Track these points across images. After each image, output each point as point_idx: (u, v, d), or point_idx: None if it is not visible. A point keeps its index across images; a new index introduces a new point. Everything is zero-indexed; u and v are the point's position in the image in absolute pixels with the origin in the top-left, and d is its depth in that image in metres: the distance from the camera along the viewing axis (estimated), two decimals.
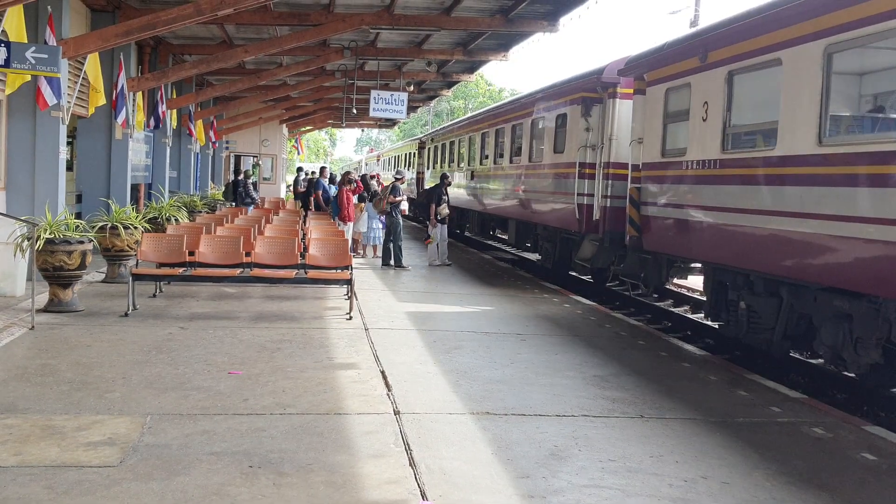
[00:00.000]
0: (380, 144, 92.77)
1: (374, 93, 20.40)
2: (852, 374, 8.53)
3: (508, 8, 15.17)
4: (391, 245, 15.76)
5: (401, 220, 16.13)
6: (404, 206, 16.65)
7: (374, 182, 20.05)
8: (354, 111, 25.68)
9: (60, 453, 4.84)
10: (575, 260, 14.41)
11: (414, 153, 35.09)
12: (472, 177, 21.61)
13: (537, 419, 5.99)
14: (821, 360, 9.94)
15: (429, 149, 31.10)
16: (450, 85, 28.27)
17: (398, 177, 17.06)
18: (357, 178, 18.33)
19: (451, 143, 25.74)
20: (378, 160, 53.92)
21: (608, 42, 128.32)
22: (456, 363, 7.68)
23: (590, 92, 13.35)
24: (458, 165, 24.36)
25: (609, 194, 12.72)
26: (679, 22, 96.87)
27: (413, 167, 35.08)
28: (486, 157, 20.58)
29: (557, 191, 14.49)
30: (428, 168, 30.67)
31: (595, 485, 4.77)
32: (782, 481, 4.95)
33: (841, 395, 8.70)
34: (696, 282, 13.70)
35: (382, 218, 17.63)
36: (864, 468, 5.29)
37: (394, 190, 16.23)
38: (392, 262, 15.62)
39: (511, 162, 17.76)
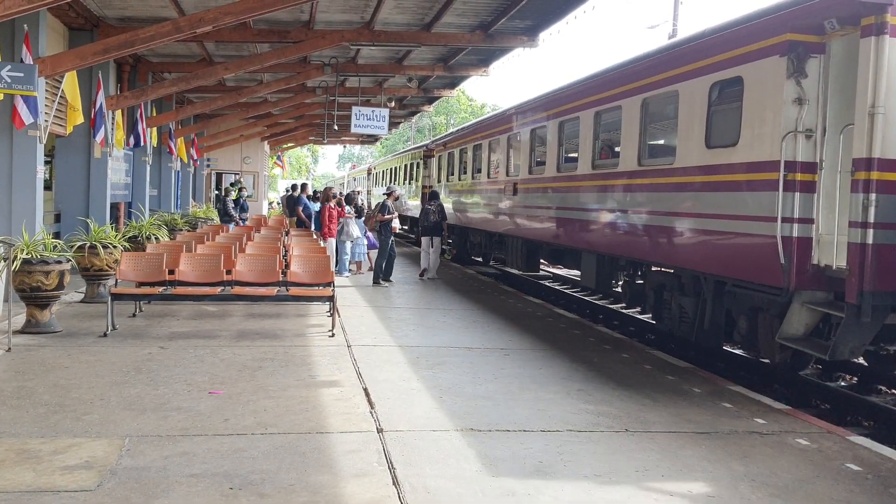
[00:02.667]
0: (362, 160, 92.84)
1: (355, 109, 20.38)
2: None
3: (488, 24, 15.24)
4: (384, 262, 15.68)
5: (390, 239, 15.98)
6: (395, 223, 16.43)
7: (359, 198, 20.00)
8: (336, 127, 25.62)
9: (36, 478, 4.74)
10: (777, 339, 7.99)
11: (417, 164, 28.83)
12: (515, 191, 15.66)
13: (522, 434, 5.94)
14: (806, 371, 9.98)
15: (439, 157, 24.79)
16: (431, 100, 28.36)
17: (388, 193, 16.93)
18: (338, 195, 18.09)
19: (477, 148, 19.56)
20: (369, 174, 46.25)
21: (588, 56, 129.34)
22: (439, 379, 7.63)
23: (806, 33, 7.60)
24: (489, 176, 18.14)
25: (872, 220, 6.93)
26: (658, 36, 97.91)
27: (416, 181, 28.70)
28: (540, 163, 14.80)
29: (716, 212, 8.64)
30: (439, 182, 24.32)
31: (581, 500, 4.72)
32: (767, 493, 4.93)
33: (825, 405, 8.72)
34: None
35: (369, 235, 17.59)
36: (850, 478, 5.28)
37: (383, 208, 16.13)
38: (380, 278, 15.52)
39: (593, 168, 11.99)
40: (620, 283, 13.17)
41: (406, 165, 31.72)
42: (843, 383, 9.59)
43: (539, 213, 14.58)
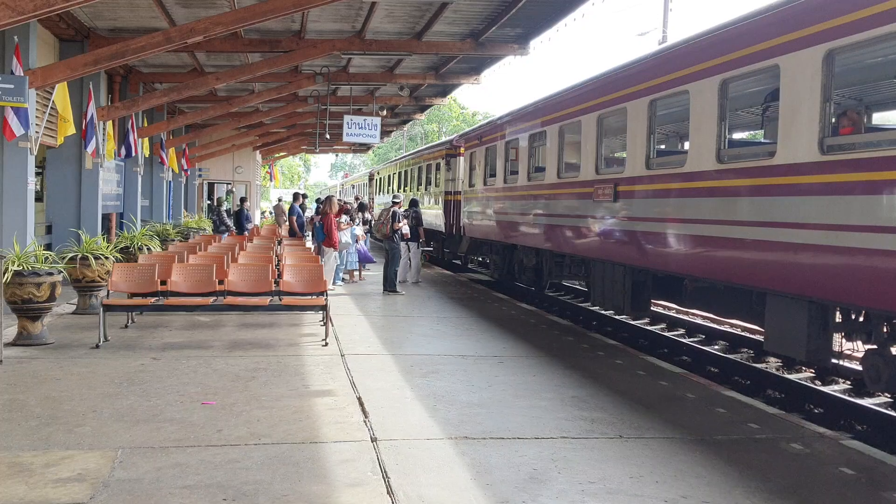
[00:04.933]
0: (355, 168, 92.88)
1: (347, 118, 20.44)
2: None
3: (479, 32, 15.30)
4: (390, 270, 15.62)
5: (401, 246, 16.00)
6: (405, 230, 16.38)
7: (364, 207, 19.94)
8: (328, 136, 25.70)
9: (28, 491, 4.71)
10: None
11: (437, 165, 23.86)
12: (615, 196, 10.69)
13: (516, 442, 5.94)
14: (797, 375, 10.02)
15: (470, 155, 19.48)
16: (423, 109, 28.44)
17: (396, 201, 16.89)
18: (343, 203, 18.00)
19: (536, 139, 14.33)
20: (371, 180, 42.06)
21: (578, 63, 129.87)
22: (433, 388, 7.62)
23: None
24: (561, 176, 12.91)
25: None
26: (648, 43, 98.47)
27: (436, 186, 23.80)
28: (667, 152, 11.26)
29: None
30: (471, 186, 18.99)
31: None
32: (762, 498, 4.93)
33: (818, 409, 8.75)
34: None
35: (359, 244, 17.58)
36: (843, 483, 5.29)
37: (395, 215, 16.08)
38: (390, 287, 15.48)
39: (825, 151, 6.96)
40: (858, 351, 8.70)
41: (421, 168, 26.65)
42: (835, 387, 9.62)
43: (664, 229, 9.47)
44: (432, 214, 23.73)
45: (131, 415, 6.40)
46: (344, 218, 16.61)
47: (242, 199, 25.28)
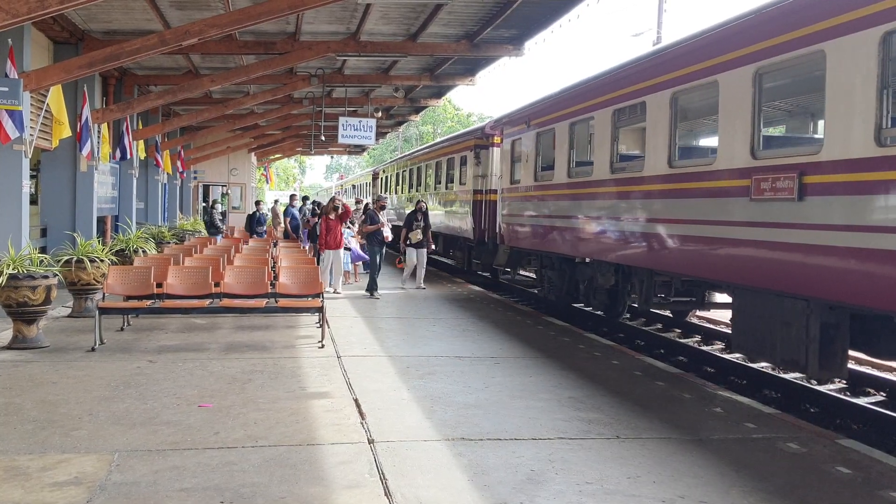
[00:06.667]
0: (350, 170, 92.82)
1: (342, 119, 20.42)
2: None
3: (474, 33, 15.31)
4: (374, 273, 15.54)
5: (378, 249, 15.93)
6: (387, 233, 16.25)
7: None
8: (323, 138, 25.70)
9: (24, 495, 4.70)
10: None
11: (463, 159, 20.11)
12: (803, 191, 7.06)
13: (513, 443, 5.94)
14: (793, 375, 10.03)
15: (513, 144, 15.52)
16: (418, 110, 28.44)
17: (376, 201, 16.79)
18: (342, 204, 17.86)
19: (624, 114, 10.91)
20: (375, 179, 38.37)
21: (573, 63, 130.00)
22: (430, 389, 7.62)
23: None
24: (671, 164, 9.36)
25: None
26: (642, 44, 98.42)
27: (461, 184, 20.16)
28: None
29: None
30: (514, 182, 15.34)
31: None
32: (759, 498, 4.94)
33: (814, 408, 8.77)
34: None
35: (353, 247, 17.54)
36: (840, 482, 5.30)
37: (367, 217, 16.01)
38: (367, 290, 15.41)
39: None
40: None
41: (440, 163, 23.00)
42: (831, 387, 9.64)
43: None
44: (457, 218, 20.58)
45: (128, 418, 6.39)
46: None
47: (258, 202, 24.44)
